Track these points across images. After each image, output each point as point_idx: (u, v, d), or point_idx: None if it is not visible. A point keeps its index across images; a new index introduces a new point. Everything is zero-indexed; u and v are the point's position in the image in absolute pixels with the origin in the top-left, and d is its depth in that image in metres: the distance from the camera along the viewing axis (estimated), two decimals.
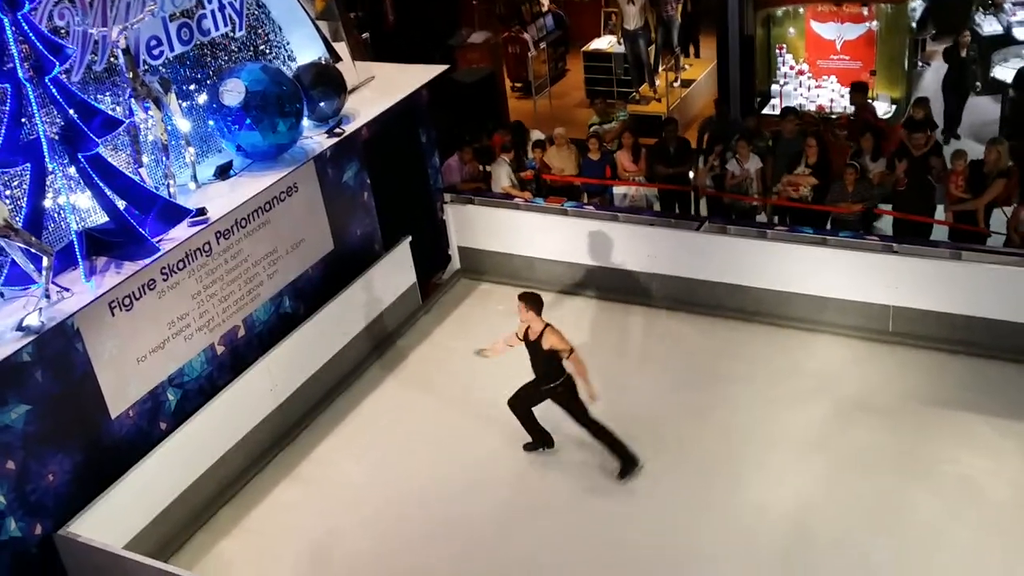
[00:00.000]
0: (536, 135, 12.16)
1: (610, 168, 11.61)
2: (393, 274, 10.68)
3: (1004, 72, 13.57)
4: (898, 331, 9.76)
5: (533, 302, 8.22)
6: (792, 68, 14.01)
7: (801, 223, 10.61)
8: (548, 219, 11.08)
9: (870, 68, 13.62)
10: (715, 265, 10.35)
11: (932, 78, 14.44)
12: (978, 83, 13.90)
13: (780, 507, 8.08)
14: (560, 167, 11.71)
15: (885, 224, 10.79)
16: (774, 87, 13.97)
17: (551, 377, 8.32)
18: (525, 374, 9.66)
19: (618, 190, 11.69)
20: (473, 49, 15.52)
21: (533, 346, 8.28)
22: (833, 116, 13.00)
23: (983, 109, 13.21)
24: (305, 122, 9.18)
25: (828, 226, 10.52)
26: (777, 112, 13.37)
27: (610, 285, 10.90)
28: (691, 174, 11.53)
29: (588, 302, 11.00)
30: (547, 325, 8.19)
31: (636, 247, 10.68)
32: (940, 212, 10.59)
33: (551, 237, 11.07)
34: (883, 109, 13.33)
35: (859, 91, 12.29)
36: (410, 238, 10.77)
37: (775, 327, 10.17)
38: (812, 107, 13.51)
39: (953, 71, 13.24)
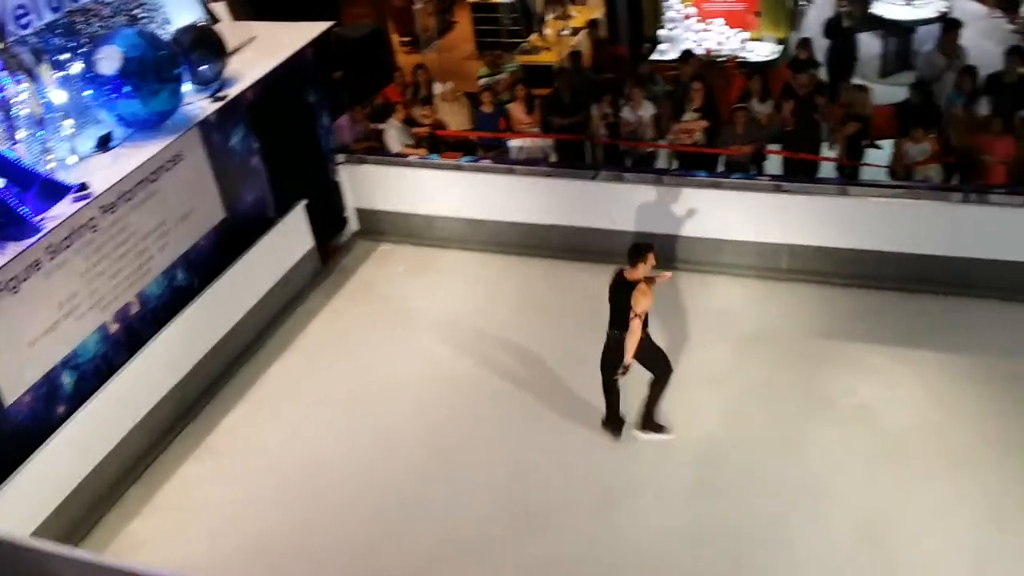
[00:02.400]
0: (438, 87, 11.97)
1: (504, 120, 11.55)
2: (289, 239, 10.48)
3: (883, 8, 13.87)
4: (792, 268, 10.02)
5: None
6: (679, 12, 14.09)
7: (694, 167, 10.74)
8: (444, 175, 10.99)
9: (755, 9, 13.79)
10: (613, 213, 10.43)
11: (815, 16, 14.64)
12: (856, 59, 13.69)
13: (687, 441, 8.28)
14: (453, 122, 11.60)
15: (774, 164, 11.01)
16: (662, 32, 14.04)
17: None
18: (428, 341, 9.68)
19: (513, 142, 11.64)
20: (357, 3, 15.18)
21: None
22: (720, 59, 13.14)
23: (864, 45, 13.47)
24: (186, 87, 8.88)
25: (721, 168, 10.68)
26: (666, 57, 13.49)
27: (510, 238, 10.90)
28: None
29: (490, 256, 10.98)
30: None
31: (534, 199, 10.68)
32: (826, 149, 10.84)
33: (449, 193, 10.99)
34: (769, 49, 13.53)
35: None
36: (305, 202, 10.56)
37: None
38: (701, 50, 13.61)
39: (837, 46, 12.75)
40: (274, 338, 10.14)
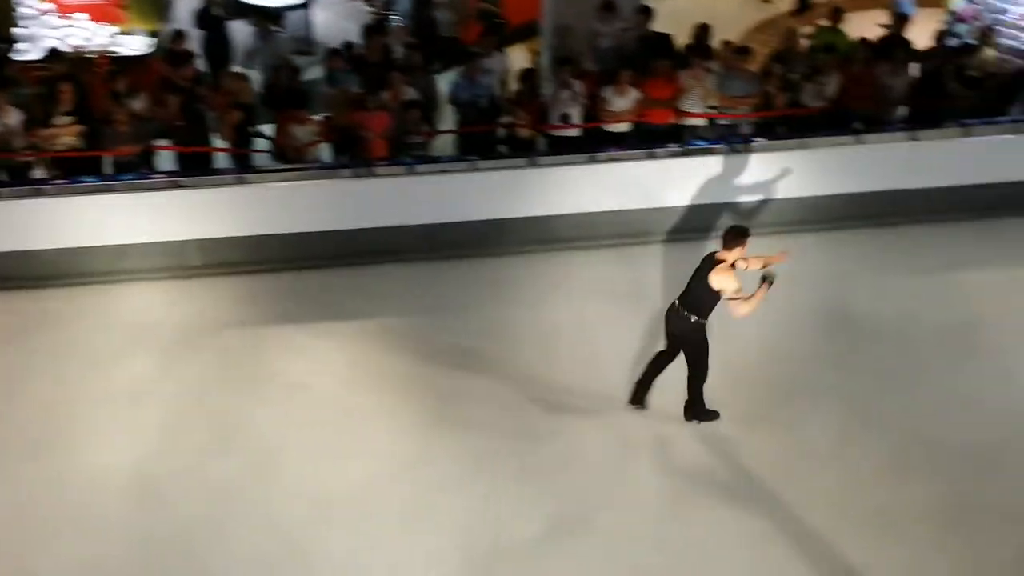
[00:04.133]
0: None
1: None
2: None
3: None
4: (204, 263, 9.87)
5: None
6: (35, 8, 13.03)
7: (79, 173, 9.98)
8: None
9: (120, 2, 13.23)
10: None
11: (185, 6, 14.44)
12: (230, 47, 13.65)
13: (122, 461, 7.82)
14: None
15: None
16: (17, 30, 12.89)
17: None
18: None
19: None
20: None
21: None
22: (90, 55, 12.39)
23: (238, 33, 13.54)
24: None
25: (109, 171, 10.10)
26: (28, 57, 12.40)
27: None
28: None
29: None
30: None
31: None
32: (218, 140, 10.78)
33: None
34: (142, 43, 13.06)
35: None
36: None
37: (71, 287, 9.60)
38: (68, 47, 12.72)
39: (210, 35, 12.64)
40: None
